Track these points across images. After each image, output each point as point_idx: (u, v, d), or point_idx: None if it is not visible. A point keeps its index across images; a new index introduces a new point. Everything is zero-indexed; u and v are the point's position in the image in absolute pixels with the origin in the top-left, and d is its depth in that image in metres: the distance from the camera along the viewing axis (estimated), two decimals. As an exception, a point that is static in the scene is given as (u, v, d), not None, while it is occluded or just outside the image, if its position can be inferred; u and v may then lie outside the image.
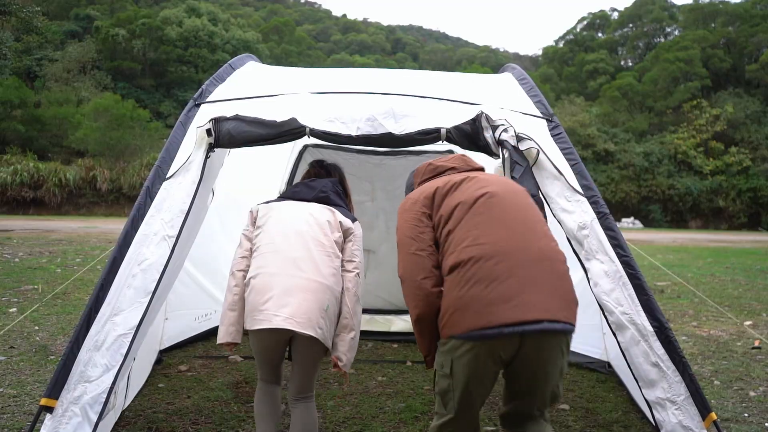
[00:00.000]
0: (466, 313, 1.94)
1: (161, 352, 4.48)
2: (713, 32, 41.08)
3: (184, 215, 2.75)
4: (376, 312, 5.79)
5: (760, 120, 35.91)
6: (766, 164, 33.36)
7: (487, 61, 61.99)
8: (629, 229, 29.27)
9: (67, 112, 31.82)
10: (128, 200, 26.71)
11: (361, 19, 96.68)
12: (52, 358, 4.41)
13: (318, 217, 2.68)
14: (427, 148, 4.94)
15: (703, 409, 2.46)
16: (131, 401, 3.56)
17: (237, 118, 2.91)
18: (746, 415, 3.65)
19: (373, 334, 5.46)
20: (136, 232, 2.63)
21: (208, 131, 2.87)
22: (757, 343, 5.38)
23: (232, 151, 3.71)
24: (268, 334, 2.47)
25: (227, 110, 2.97)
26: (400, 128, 2.87)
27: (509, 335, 1.89)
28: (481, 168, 2.52)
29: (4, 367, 4.15)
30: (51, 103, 33.18)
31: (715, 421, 2.46)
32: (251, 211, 2.83)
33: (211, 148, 2.92)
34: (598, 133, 34.30)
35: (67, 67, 38.86)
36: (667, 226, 33.28)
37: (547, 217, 2.51)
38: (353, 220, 2.78)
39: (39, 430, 2.39)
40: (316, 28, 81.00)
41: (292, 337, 2.49)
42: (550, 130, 3.03)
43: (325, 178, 2.95)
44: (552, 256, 2.06)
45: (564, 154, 2.87)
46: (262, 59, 5.57)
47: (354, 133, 2.87)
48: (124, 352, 2.48)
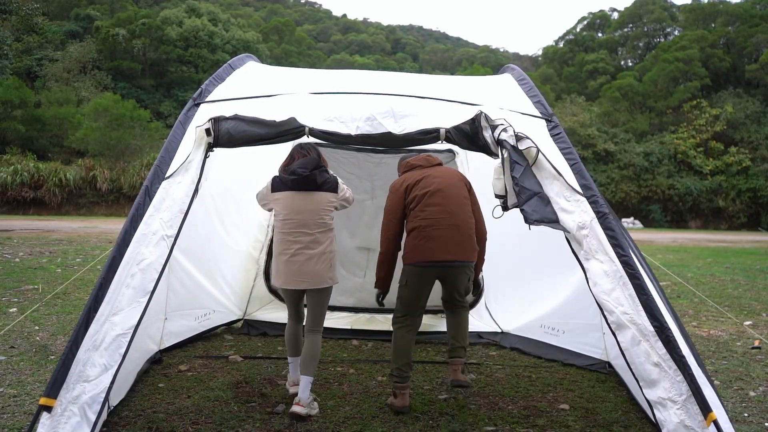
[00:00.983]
0: (417, 253, 3.58)
1: (161, 352, 4.48)
2: (713, 32, 41.05)
3: (183, 215, 2.75)
4: (376, 311, 5.79)
5: (760, 120, 35.88)
6: (766, 164, 33.33)
7: (487, 61, 61.98)
8: (629, 230, 29.17)
9: (67, 112, 31.79)
10: (128, 200, 26.68)
11: (361, 19, 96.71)
12: (53, 357, 4.41)
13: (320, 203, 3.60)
14: (426, 147, 4.95)
15: (705, 409, 2.46)
16: (131, 401, 3.56)
17: (236, 118, 2.91)
18: (746, 415, 3.66)
19: (373, 333, 5.47)
20: (135, 232, 2.63)
21: (208, 131, 2.87)
22: (756, 343, 5.38)
23: (231, 149, 3.71)
24: (293, 291, 3.71)
25: (226, 110, 2.97)
26: (399, 128, 2.88)
27: (435, 267, 3.61)
28: (440, 163, 3.88)
29: (4, 367, 4.15)
30: (51, 103, 33.15)
31: (715, 421, 2.45)
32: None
33: (210, 148, 2.92)
34: (598, 133, 34.28)
35: (67, 67, 38.84)
36: (667, 226, 33.27)
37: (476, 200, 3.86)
38: (337, 185, 3.66)
39: (38, 430, 2.39)
40: (316, 28, 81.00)
41: (306, 290, 3.66)
42: (550, 131, 3.03)
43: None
44: (463, 225, 3.61)
45: (563, 154, 2.87)
46: (262, 59, 5.57)
47: (353, 133, 2.87)
48: (123, 351, 2.49)
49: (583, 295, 3.57)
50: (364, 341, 5.33)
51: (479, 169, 5.30)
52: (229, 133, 2.89)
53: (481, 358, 4.93)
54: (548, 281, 4.95)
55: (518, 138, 2.76)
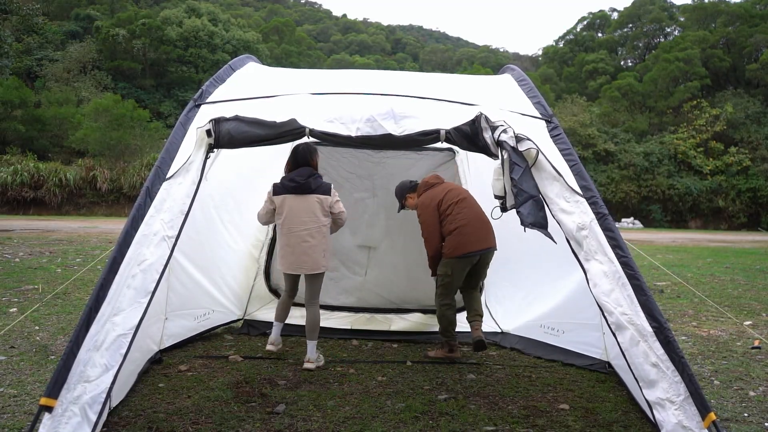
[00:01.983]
0: (461, 248, 4.54)
1: (161, 352, 4.48)
2: (713, 32, 41.00)
3: (184, 216, 2.76)
4: (376, 311, 5.80)
5: (760, 120, 35.82)
6: (766, 164, 33.27)
7: (487, 61, 61.99)
8: (629, 229, 29.26)
9: (67, 112, 31.78)
10: (128, 200, 26.68)
11: (361, 19, 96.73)
12: (53, 357, 4.41)
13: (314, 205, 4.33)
14: (427, 147, 4.96)
15: (703, 409, 2.47)
16: (131, 401, 3.56)
17: (237, 119, 2.92)
18: (746, 414, 3.66)
19: (373, 333, 5.47)
20: (136, 233, 2.63)
21: (208, 132, 2.88)
22: (756, 343, 5.38)
23: (232, 149, 3.71)
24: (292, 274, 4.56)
25: (227, 111, 2.97)
26: (399, 129, 2.88)
27: (475, 255, 4.60)
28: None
29: (4, 367, 4.15)
30: (51, 103, 33.14)
31: (714, 421, 2.46)
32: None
33: (211, 149, 2.93)
34: (598, 134, 34.23)
35: (67, 67, 38.83)
36: (667, 226, 33.23)
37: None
38: (329, 189, 4.38)
39: (39, 430, 2.39)
40: (316, 28, 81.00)
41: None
42: (549, 131, 3.03)
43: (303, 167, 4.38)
44: (486, 221, 4.64)
45: (563, 155, 2.88)
46: (262, 59, 5.55)
47: (353, 134, 2.88)
48: (124, 352, 2.49)
49: (583, 295, 3.57)
50: (364, 341, 5.33)
51: (479, 168, 5.31)
52: (230, 134, 2.89)
53: (481, 358, 4.93)
54: (548, 281, 4.96)
55: (518, 139, 2.77)
